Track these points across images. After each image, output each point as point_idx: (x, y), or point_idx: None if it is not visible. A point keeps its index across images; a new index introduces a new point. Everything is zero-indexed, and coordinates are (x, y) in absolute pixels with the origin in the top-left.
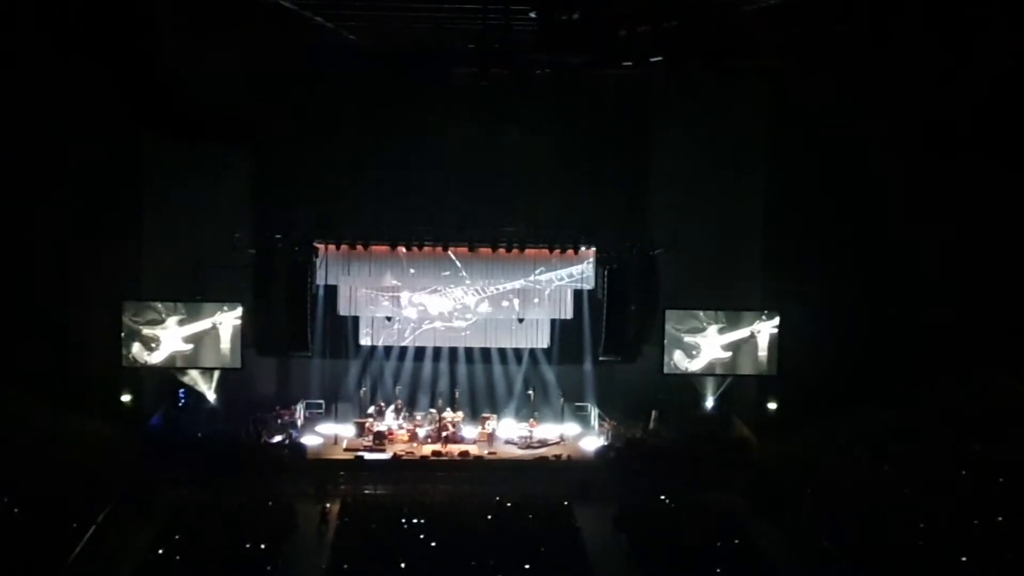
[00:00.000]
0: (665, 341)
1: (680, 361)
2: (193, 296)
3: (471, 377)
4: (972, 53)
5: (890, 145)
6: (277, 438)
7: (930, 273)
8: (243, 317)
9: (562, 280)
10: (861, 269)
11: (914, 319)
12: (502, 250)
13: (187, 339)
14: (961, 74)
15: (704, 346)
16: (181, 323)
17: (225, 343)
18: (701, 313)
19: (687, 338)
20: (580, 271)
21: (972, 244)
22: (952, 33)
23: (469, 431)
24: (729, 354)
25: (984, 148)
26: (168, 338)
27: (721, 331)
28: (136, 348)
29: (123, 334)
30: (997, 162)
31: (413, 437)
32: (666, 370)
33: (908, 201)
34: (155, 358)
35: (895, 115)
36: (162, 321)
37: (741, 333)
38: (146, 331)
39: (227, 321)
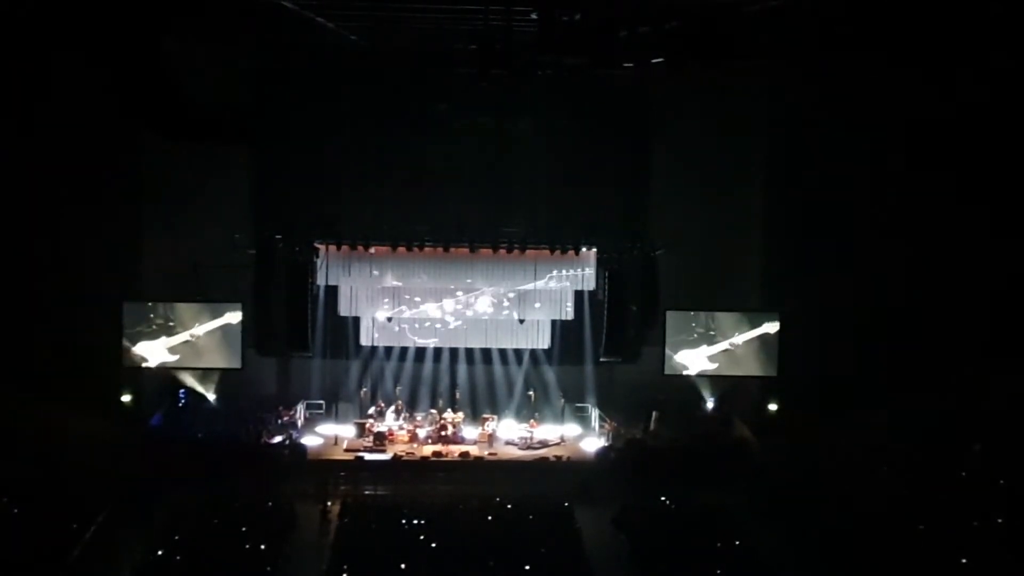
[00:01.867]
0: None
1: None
2: (194, 296)
3: (471, 378)
4: (974, 57)
5: (890, 146)
6: (277, 438)
7: (930, 274)
8: (243, 317)
9: (563, 282)
10: (861, 270)
11: (914, 320)
12: (503, 251)
13: (172, 350)
14: (962, 77)
15: (692, 360)
16: (169, 334)
17: (225, 343)
18: (692, 323)
19: (676, 356)
20: (581, 275)
21: (972, 245)
22: (953, 36)
23: (469, 432)
24: (716, 365)
25: (984, 150)
26: (155, 350)
27: (710, 343)
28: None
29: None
30: (997, 163)
31: (413, 438)
32: (667, 371)
33: (908, 202)
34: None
35: (896, 116)
36: (153, 335)
37: (722, 346)
38: (135, 349)
39: (227, 321)
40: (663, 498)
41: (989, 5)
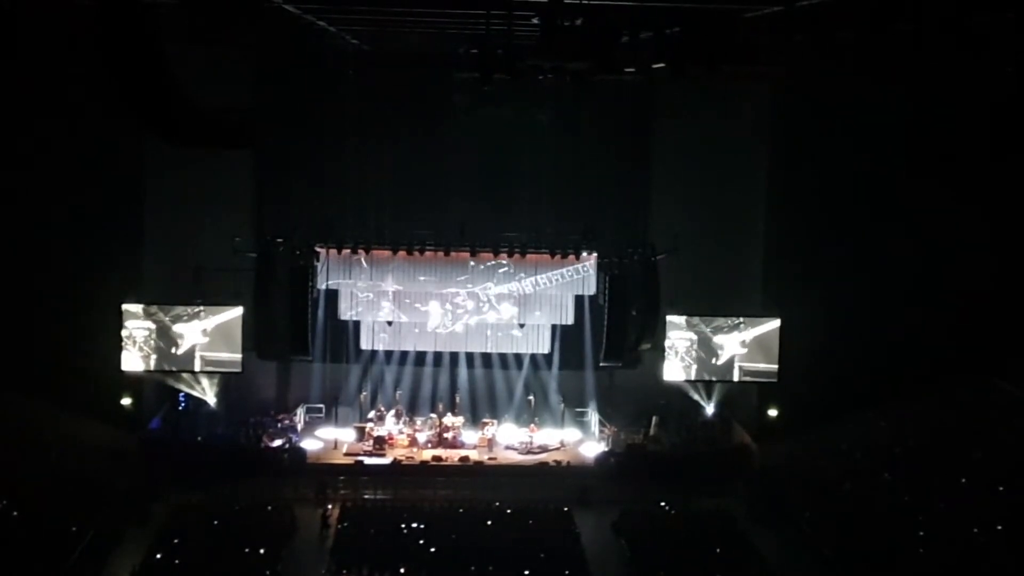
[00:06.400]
0: (667, 344)
1: (700, 362)
2: (194, 300)
3: (472, 382)
4: (977, 61)
5: (891, 150)
6: (277, 442)
7: (932, 280)
8: (244, 321)
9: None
10: (862, 275)
11: (915, 326)
12: (504, 255)
13: (205, 332)
14: (965, 81)
15: (727, 344)
16: (201, 317)
17: (227, 347)
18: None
19: (716, 338)
20: (578, 270)
21: (974, 250)
22: (957, 41)
23: (469, 436)
24: (747, 351)
25: (984, 153)
26: (191, 331)
27: (741, 329)
28: (162, 343)
29: (155, 330)
30: (998, 168)
31: (413, 442)
32: (701, 353)
33: (909, 207)
34: (180, 351)
35: (896, 120)
36: (188, 319)
37: (758, 331)
38: (175, 328)
39: (228, 325)
40: (663, 503)
41: (997, 10)
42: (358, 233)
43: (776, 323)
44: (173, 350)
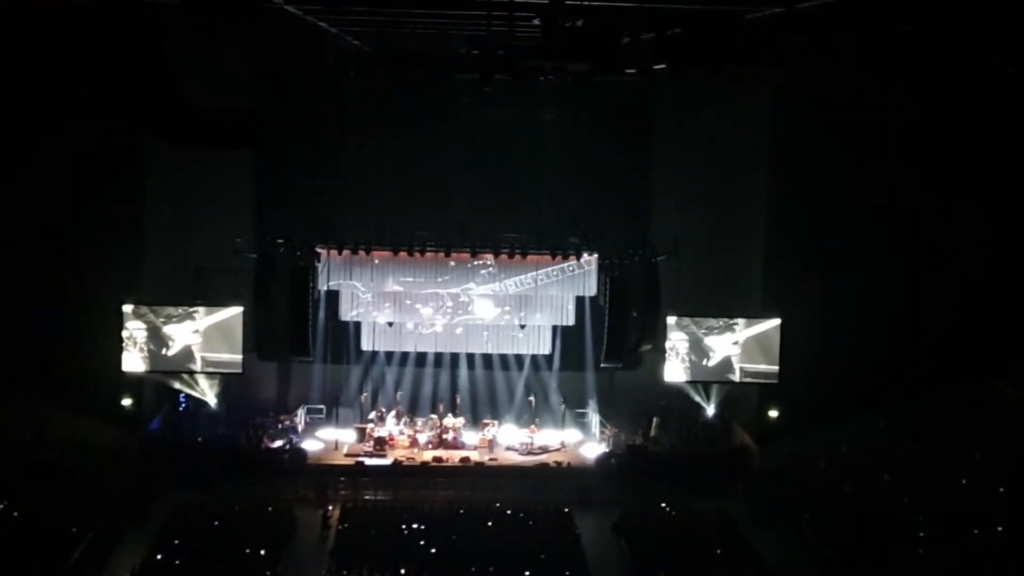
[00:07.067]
0: (668, 345)
1: (693, 364)
2: (194, 300)
3: (472, 383)
4: (977, 63)
5: (891, 151)
6: (278, 443)
7: (932, 280)
8: (244, 321)
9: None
10: (862, 275)
11: (915, 326)
12: (504, 256)
13: (197, 332)
14: (965, 82)
15: (718, 346)
16: (194, 318)
17: (226, 347)
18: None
19: (707, 340)
20: (568, 268)
21: (975, 252)
22: (957, 43)
23: (470, 437)
24: (739, 351)
25: (986, 155)
26: (181, 332)
27: (735, 330)
28: (153, 345)
29: (147, 331)
30: (999, 169)
31: (414, 443)
32: (694, 356)
33: (909, 208)
34: (170, 352)
35: (896, 120)
36: (179, 319)
37: (753, 331)
38: (165, 329)
39: (225, 325)
40: (663, 504)
41: (997, 13)
42: (358, 233)
43: (774, 323)
44: (164, 351)
